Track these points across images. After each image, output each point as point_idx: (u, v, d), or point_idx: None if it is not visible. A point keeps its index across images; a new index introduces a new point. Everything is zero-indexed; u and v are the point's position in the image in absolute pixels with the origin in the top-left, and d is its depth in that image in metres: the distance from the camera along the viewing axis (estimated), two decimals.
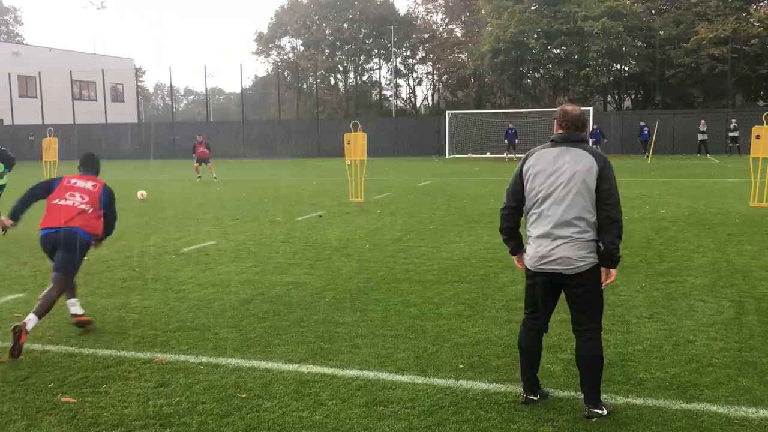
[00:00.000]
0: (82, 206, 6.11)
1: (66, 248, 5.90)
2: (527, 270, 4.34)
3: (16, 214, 6.15)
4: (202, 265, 9.07)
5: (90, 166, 6.67)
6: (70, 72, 48.96)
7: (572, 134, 4.19)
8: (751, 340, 5.54)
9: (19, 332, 5.24)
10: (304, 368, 5.12)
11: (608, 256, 4.09)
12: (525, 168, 4.23)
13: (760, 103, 47.46)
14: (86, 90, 55.51)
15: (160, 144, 44.97)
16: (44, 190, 6.23)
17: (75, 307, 6.11)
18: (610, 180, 4.07)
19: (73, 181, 6.34)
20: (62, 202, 6.10)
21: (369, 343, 5.64)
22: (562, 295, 4.32)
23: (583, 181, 4.04)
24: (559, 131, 4.25)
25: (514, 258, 4.50)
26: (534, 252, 4.20)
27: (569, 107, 4.27)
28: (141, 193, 17.43)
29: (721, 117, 38.30)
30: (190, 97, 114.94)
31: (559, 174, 4.10)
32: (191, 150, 25.89)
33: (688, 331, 5.79)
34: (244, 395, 4.60)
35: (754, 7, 44.94)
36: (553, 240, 4.10)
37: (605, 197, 4.05)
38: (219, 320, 6.40)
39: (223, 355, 5.43)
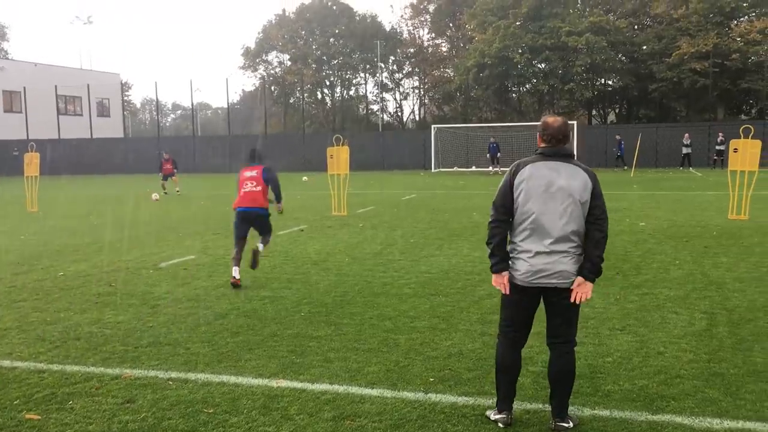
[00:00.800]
0: (254, 189, 8.78)
1: (258, 222, 8.90)
2: (513, 285, 4.20)
3: None
4: (180, 279, 9.03)
5: (252, 158, 9.12)
6: (56, 87, 48.80)
7: (561, 148, 4.15)
8: (720, 351, 5.57)
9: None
10: (274, 383, 5.09)
11: (594, 270, 4.08)
12: (516, 181, 4.12)
13: (742, 116, 47.98)
14: (72, 105, 55.31)
15: (147, 159, 44.80)
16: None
17: (260, 245, 8.94)
18: (601, 196, 4.11)
19: (246, 173, 8.94)
20: (244, 190, 8.84)
21: (341, 357, 5.63)
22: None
23: (580, 196, 4.03)
24: (543, 144, 4.19)
25: (497, 276, 4.21)
26: (528, 267, 4.09)
27: (550, 119, 4.19)
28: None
29: (703, 130, 38.69)
30: (178, 112, 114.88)
31: (555, 189, 4.03)
32: (159, 169, 27.56)
33: (659, 343, 5.82)
34: (211, 410, 4.57)
35: (735, 22, 45.55)
36: (552, 255, 4.05)
37: (599, 213, 4.08)
38: (192, 335, 6.36)
39: (193, 371, 5.40)
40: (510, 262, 4.23)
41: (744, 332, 6.08)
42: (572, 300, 4.10)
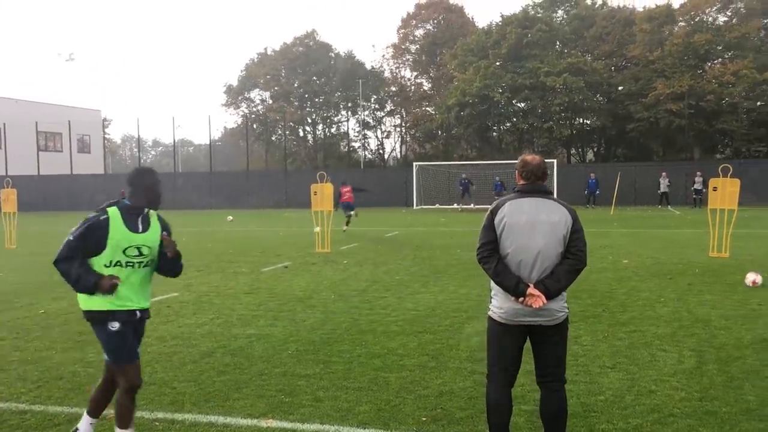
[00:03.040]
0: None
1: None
2: (497, 323, 4.17)
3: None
4: (163, 317, 8.89)
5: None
6: (36, 123, 48.55)
7: (539, 185, 4.18)
8: (711, 389, 5.57)
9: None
10: (264, 423, 5.00)
11: (552, 290, 3.98)
12: (497, 219, 4.11)
13: (718, 156, 48.87)
14: (52, 141, 54.94)
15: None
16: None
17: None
18: (581, 231, 4.13)
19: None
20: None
21: (331, 396, 5.54)
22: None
23: (560, 232, 4.05)
24: (521, 182, 4.23)
25: (522, 299, 3.98)
26: (511, 304, 4.06)
27: (529, 157, 4.25)
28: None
29: (680, 170, 39.32)
30: (159, 149, 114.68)
31: (536, 225, 4.04)
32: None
33: (650, 381, 5.81)
34: None
35: (709, 64, 46.69)
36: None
37: (580, 245, 4.08)
38: (178, 374, 6.24)
39: (180, 411, 5.28)
40: (492, 300, 4.22)
41: (734, 370, 6.09)
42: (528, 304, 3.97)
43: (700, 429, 4.73)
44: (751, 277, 10.59)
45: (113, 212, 4.31)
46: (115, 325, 4.28)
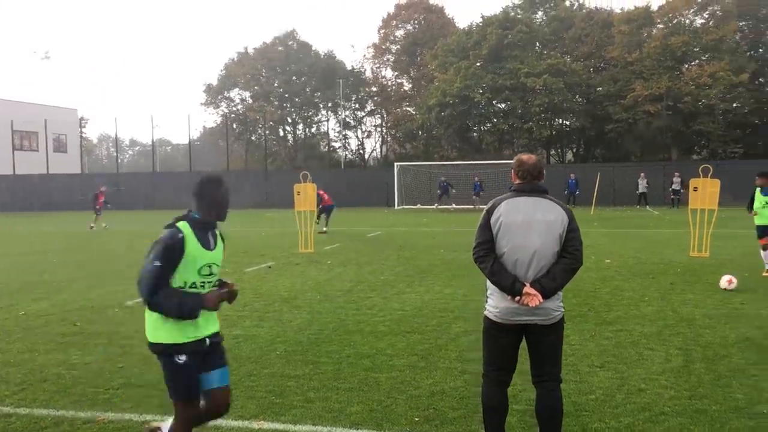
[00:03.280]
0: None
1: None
2: (493, 323, 4.16)
3: None
4: None
5: None
6: (11, 122, 47.83)
7: (536, 184, 4.17)
8: (700, 387, 5.62)
9: None
10: (255, 424, 4.95)
11: (549, 289, 3.98)
12: (493, 218, 4.09)
13: (695, 157, 49.48)
14: (28, 140, 54.15)
15: (106, 195, 43.99)
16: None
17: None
18: (577, 230, 4.13)
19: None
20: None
21: (322, 397, 5.51)
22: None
23: (556, 231, 4.04)
24: (518, 181, 4.22)
25: (518, 298, 3.97)
26: (507, 304, 4.05)
27: (525, 156, 4.25)
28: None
29: (658, 170, 39.74)
30: (136, 148, 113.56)
31: (533, 224, 4.03)
32: (93, 200, 27.02)
33: (639, 380, 5.85)
34: None
35: (686, 66, 47.25)
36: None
37: (576, 244, 4.08)
38: None
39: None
40: (488, 299, 4.21)
41: (720, 368, 6.15)
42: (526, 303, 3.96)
43: (691, 427, 4.76)
44: (725, 280, 10.38)
45: (185, 228, 3.89)
46: (182, 358, 3.86)
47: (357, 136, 65.57)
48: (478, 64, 48.95)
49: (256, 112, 60.87)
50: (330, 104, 63.10)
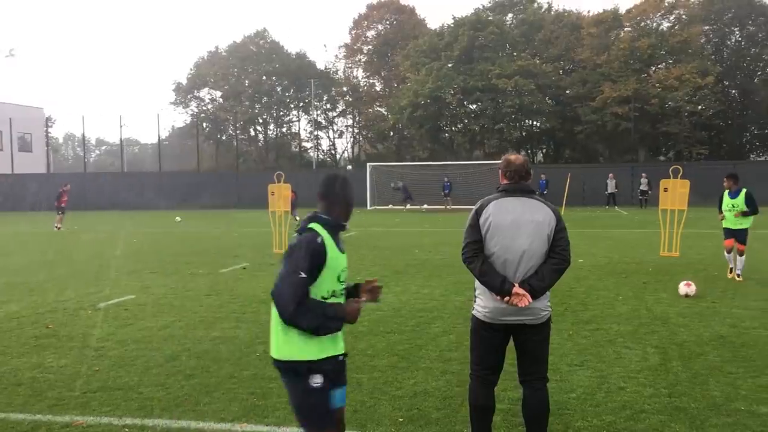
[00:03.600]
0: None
1: None
2: (482, 323, 4.14)
3: None
4: (122, 320, 8.65)
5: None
6: None
7: (523, 184, 4.18)
8: (678, 386, 5.70)
9: None
10: (238, 427, 4.90)
11: (538, 289, 4.00)
12: (482, 219, 4.08)
13: (662, 158, 50.32)
14: None
15: (71, 195, 43.23)
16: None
17: None
18: (565, 230, 4.13)
19: None
20: None
21: None
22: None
23: (544, 232, 4.05)
24: (505, 181, 4.21)
25: (507, 298, 3.97)
26: (496, 304, 4.04)
27: (512, 156, 4.25)
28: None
29: (626, 171, 40.32)
30: (103, 148, 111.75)
31: (521, 224, 4.03)
32: (56, 200, 26.62)
33: (619, 378, 5.91)
34: None
35: (653, 69, 48.05)
36: None
37: (564, 244, 4.08)
38: (143, 378, 6.07)
39: (149, 416, 5.13)
40: (476, 300, 4.20)
41: (697, 366, 6.24)
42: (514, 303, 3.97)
43: (671, 425, 4.83)
44: (683, 291, 9.86)
45: (322, 231, 3.47)
46: (317, 381, 3.39)
47: (329, 137, 65.46)
48: (449, 65, 49.18)
49: (226, 111, 60.34)
50: (301, 104, 62.85)
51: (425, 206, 37.80)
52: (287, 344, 3.39)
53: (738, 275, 11.38)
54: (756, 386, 5.64)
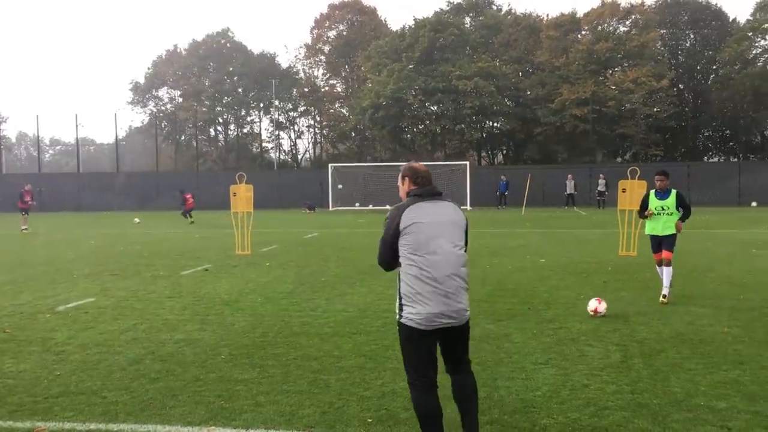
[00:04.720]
0: None
1: None
2: (415, 330, 4.09)
3: None
4: (82, 324, 8.48)
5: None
6: None
7: (433, 188, 4.37)
8: (639, 382, 5.82)
9: None
10: (205, 430, 4.85)
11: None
12: (402, 224, 4.15)
13: (619, 159, 51.31)
14: None
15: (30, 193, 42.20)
16: None
17: None
18: (468, 228, 4.47)
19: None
20: None
21: (272, 401, 5.44)
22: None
23: (462, 230, 4.30)
24: (414, 187, 4.36)
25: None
26: (429, 310, 4.05)
27: (417, 165, 4.48)
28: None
29: (584, 172, 41.03)
30: (57, 147, 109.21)
31: (444, 225, 4.19)
32: (19, 200, 26.10)
33: (582, 376, 6.02)
34: None
35: (610, 71, 48.99)
36: (448, 295, 4.08)
37: (467, 240, 4.39)
38: (106, 383, 5.97)
39: (114, 421, 5.05)
40: (404, 307, 4.15)
41: (657, 363, 6.39)
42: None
43: (635, 420, 4.93)
44: (593, 305, 8.61)
45: None
46: None
47: (290, 137, 65.12)
48: (410, 66, 49.40)
49: (185, 111, 59.55)
50: (262, 104, 62.37)
51: (388, 205, 37.84)
52: None
53: (665, 295, 9.38)
54: (714, 382, 5.80)
